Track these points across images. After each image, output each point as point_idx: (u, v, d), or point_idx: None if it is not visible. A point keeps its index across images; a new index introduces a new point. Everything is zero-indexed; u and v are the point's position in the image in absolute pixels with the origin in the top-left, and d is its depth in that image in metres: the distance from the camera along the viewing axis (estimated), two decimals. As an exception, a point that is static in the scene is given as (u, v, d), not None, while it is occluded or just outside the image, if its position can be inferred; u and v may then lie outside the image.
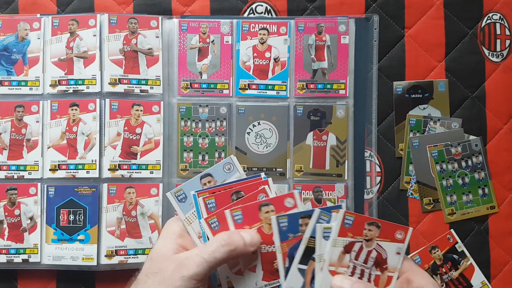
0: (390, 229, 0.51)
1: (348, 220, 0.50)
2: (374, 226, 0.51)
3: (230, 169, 0.53)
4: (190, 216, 0.51)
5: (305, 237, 0.51)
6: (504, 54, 0.82)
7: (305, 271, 0.50)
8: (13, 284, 0.80)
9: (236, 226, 0.51)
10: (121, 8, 0.82)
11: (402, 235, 0.51)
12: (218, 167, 0.53)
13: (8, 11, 0.82)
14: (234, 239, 0.48)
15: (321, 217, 0.50)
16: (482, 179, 0.80)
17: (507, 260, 0.80)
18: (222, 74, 0.80)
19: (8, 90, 0.79)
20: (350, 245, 0.51)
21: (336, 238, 0.50)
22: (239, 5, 0.82)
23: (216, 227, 0.50)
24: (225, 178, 0.53)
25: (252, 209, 0.51)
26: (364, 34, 0.81)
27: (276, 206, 0.51)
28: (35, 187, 0.78)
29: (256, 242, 0.49)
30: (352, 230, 0.51)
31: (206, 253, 0.47)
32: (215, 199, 0.50)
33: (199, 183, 0.53)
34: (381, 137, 0.81)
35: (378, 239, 0.51)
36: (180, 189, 0.52)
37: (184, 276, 0.47)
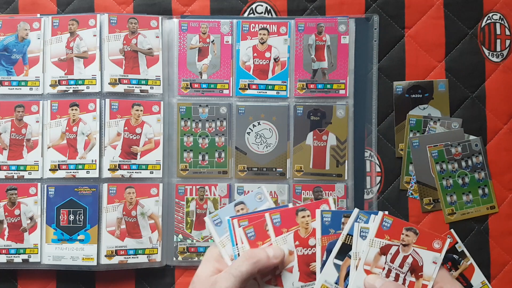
0: (427, 237, 0.53)
1: (386, 222, 0.53)
2: (411, 232, 0.53)
3: (261, 198, 0.59)
4: (224, 239, 0.56)
5: (343, 233, 0.53)
6: (504, 54, 0.82)
7: (340, 266, 0.53)
8: (13, 284, 0.80)
9: (275, 229, 0.54)
10: (121, 8, 0.82)
11: (439, 244, 0.53)
12: (250, 196, 0.59)
13: (8, 11, 0.82)
14: (256, 253, 0.53)
15: (360, 217, 0.53)
16: (482, 179, 0.80)
17: (507, 260, 0.80)
18: (222, 74, 0.80)
19: (8, 90, 0.79)
20: (386, 247, 0.53)
21: (373, 238, 0.52)
22: (239, 5, 0.82)
23: (252, 236, 0.55)
24: (256, 207, 0.58)
25: (289, 213, 0.54)
26: (364, 34, 0.81)
27: (312, 211, 0.54)
28: (35, 187, 0.78)
29: (279, 255, 0.53)
30: (390, 233, 0.53)
31: (232, 269, 0.52)
32: (253, 228, 0.55)
33: (233, 210, 0.58)
34: (381, 137, 0.81)
35: (415, 246, 0.52)
36: (216, 214, 0.57)
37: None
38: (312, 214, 0.54)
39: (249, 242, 0.55)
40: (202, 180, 0.80)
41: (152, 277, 0.80)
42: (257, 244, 0.54)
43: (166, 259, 0.79)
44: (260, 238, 0.55)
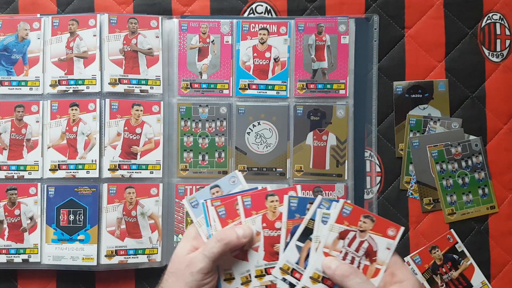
0: (383, 224, 0.56)
1: (346, 210, 0.56)
2: (368, 219, 0.56)
3: (235, 182, 0.62)
4: (200, 220, 0.60)
5: (306, 218, 0.57)
6: (504, 54, 0.82)
7: (302, 248, 0.57)
8: (13, 284, 0.80)
9: (246, 211, 0.59)
10: (121, 8, 0.82)
11: (394, 232, 0.56)
12: (225, 180, 0.62)
13: (8, 11, 0.82)
14: (227, 234, 0.56)
15: (323, 203, 0.57)
16: (482, 179, 0.80)
17: (507, 260, 0.80)
18: (222, 74, 0.80)
19: (8, 90, 0.79)
20: (344, 232, 0.56)
21: (333, 224, 0.56)
22: (239, 5, 0.82)
23: (223, 215, 0.59)
24: (230, 189, 0.62)
25: (259, 197, 0.59)
26: (364, 34, 0.81)
27: (280, 197, 0.58)
28: (35, 187, 0.78)
29: (248, 234, 0.57)
30: (349, 219, 0.56)
31: (206, 250, 0.56)
32: (224, 207, 0.59)
33: (209, 193, 0.62)
34: (381, 137, 0.81)
35: (371, 232, 0.56)
36: (194, 196, 0.61)
37: (192, 272, 0.56)
38: (281, 199, 0.58)
39: (220, 220, 0.59)
40: (202, 180, 0.80)
41: (152, 277, 0.80)
42: (227, 222, 0.58)
43: (166, 259, 0.79)
44: (230, 216, 0.59)
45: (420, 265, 0.79)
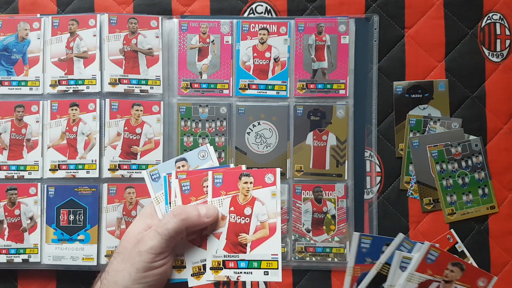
0: (473, 274, 0.47)
1: (432, 255, 0.46)
2: (458, 268, 0.47)
3: (204, 156, 0.55)
4: (159, 195, 0.53)
5: (379, 261, 0.47)
6: (504, 54, 0.82)
7: None
8: (13, 284, 0.80)
9: (214, 189, 0.51)
10: (121, 8, 0.82)
11: (484, 283, 0.48)
12: (193, 153, 0.55)
13: (8, 11, 0.82)
14: (186, 209, 0.49)
15: (404, 244, 0.47)
16: (482, 179, 0.80)
17: (507, 260, 0.80)
18: (222, 74, 0.80)
19: (8, 90, 0.79)
20: (426, 283, 0.47)
21: (413, 272, 0.46)
22: (239, 5, 0.82)
23: (187, 190, 0.51)
24: (198, 165, 0.55)
25: (233, 176, 0.51)
26: (364, 34, 0.81)
27: (256, 179, 0.51)
28: (35, 187, 0.78)
29: (211, 214, 0.50)
30: (433, 267, 0.46)
31: (159, 227, 0.48)
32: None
33: (174, 166, 0.54)
34: (381, 137, 0.81)
35: (458, 283, 0.47)
36: (156, 169, 0.54)
37: (140, 251, 0.48)
38: (256, 181, 0.51)
39: (182, 195, 0.51)
40: (202, 180, 0.80)
41: (152, 277, 0.80)
42: (190, 199, 0.51)
43: (166, 259, 0.79)
44: (195, 194, 0.51)
45: (420, 265, 0.79)
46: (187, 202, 0.51)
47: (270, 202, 0.49)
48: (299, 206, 0.79)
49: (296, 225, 0.78)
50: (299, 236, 0.79)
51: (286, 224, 0.79)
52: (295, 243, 0.79)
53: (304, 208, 0.79)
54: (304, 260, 0.79)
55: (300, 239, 0.79)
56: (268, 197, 0.49)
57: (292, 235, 0.79)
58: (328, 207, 0.79)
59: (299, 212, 0.79)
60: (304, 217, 0.79)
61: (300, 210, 0.79)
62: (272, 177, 0.50)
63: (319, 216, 0.79)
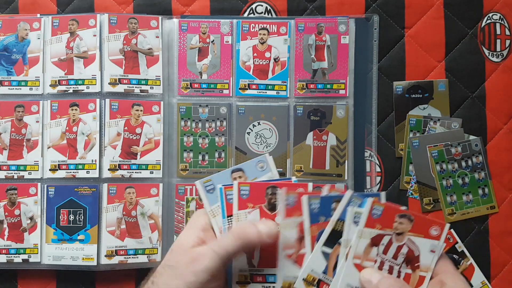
0: (424, 223, 0.47)
1: (377, 210, 0.47)
2: (406, 219, 0.47)
3: (263, 167, 0.52)
4: (215, 208, 0.50)
5: (333, 219, 0.47)
6: (504, 54, 0.82)
7: (329, 255, 0.48)
8: (13, 284, 0.80)
9: (239, 201, 0.48)
10: (121, 8, 0.82)
11: (437, 231, 0.48)
12: (251, 164, 0.51)
13: (8, 11, 0.82)
14: (248, 231, 0.46)
15: (354, 200, 0.47)
16: (482, 179, 0.80)
17: (507, 260, 0.80)
18: (222, 74, 0.80)
19: (8, 90, 0.79)
20: (378, 237, 0.47)
21: (362, 229, 0.47)
22: (239, 5, 0.82)
23: (245, 195, 0.48)
24: (257, 176, 0.51)
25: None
26: (364, 34, 0.81)
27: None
28: (35, 187, 0.78)
29: (273, 234, 0.47)
30: (381, 221, 0.47)
31: (218, 247, 0.46)
32: (250, 186, 0.48)
33: (230, 177, 0.51)
34: (381, 137, 0.81)
35: (410, 234, 0.47)
36: (209, 179, 0.50)
37: (196, 271, 0.45)
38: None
39: (239, 200, 0.48)
40: (202, 180, 0.80)
41: (152, 277, 0.80)
42: (246, 205, 0.48)
43: (166, 259, 0.79)
44: (253, 201, 0.48)
45: (420, 265, 0.79)
46: (243, 208, 0.48)
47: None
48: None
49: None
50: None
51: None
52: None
53: (304, 208, 0.79)
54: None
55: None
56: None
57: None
58: (328, 207, 0.79)
59: (299, 212, 0.79)
60: (304, 217, 0.79)
61: (300, 210, 0.79)
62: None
63: (319, 216, 0.79)
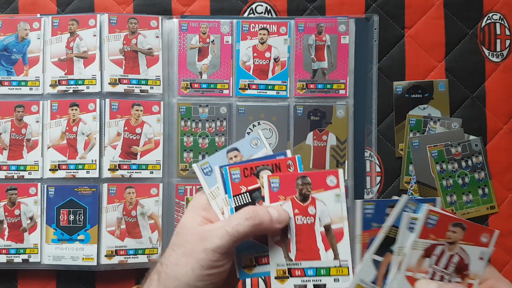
0: (475, 231, 0.47)
1: (432, 220, 0.46)
2: (459, 228, 0.46)
3: (257, 144, 0.52)
4: (214, 190, 0.49)
5: (386, 225, 0.46)
6: (504, 54, 0.82)
7: (380, 263, 0.46)
8: (13, 284, 0.80)
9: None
10: (121, 8, 0.82)
11: (487, 238, 0.47)
12: (245, 142, 0.51)
13: (8, 11, 0.82)
14: (259, 213, 0.46)
15: (408, 205, 0.46)
16: (482, 179, 0.80)
17: (507, 260, 0.80)
18: (222, 74, 0.80)
19: (8, 90, 0.79)
20: (431, 248, 0.46)
21: (417, 240, 0.45)
22: (239, 5, 0.82)
23: (276, 188, 0.48)
24: (252, 154, 0.51)
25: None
26: (364, 34, 0.81)
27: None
28: (35, 187, 0.78)
29: (283, 219, 0.47)
30: (435, 231, 0.46)
31: (229, 226, 0.45)
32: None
33: (226, 157, 0.51)
34: (381, 137, 0.81)
35: (461, 242, 0.47)
36: (207, 162, 0.50)
37: (206, 249, 0.45)
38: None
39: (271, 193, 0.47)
40: (202, 180, 0.80)
41: (152, 277, 0.80)
42: (278, 197, 0.47)
43: (166, 259, 0.79)
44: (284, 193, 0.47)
45: (420, 265, 0.79)
46: (275, 201, 0.47)
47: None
48: (299, 206, 0.79)
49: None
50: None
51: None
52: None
53: (304, 208, 0.79)
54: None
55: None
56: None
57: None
58: (328, 207, 0.79)
59: (299, 212, 0.79)
60: (304, 217, 0.79)
61: (300, 210, 0.79)
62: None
63: (319, 216, 0.79)
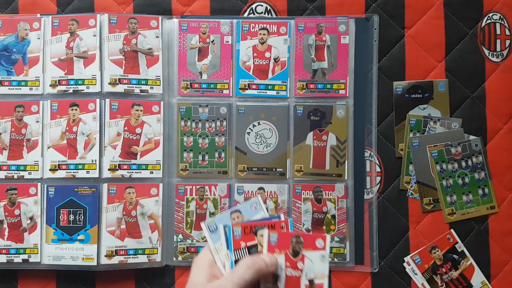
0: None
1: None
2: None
3: (256, 207, 0.60)
4: (218, 246, 0.56)
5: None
6: (504, 54, 0.82)
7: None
8: (13, 284, 0.80)
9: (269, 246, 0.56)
10: (121, 8, 0.82)
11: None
12: (246, 205, 0.60)
13: (8, 11, 0.82)
14: (257, 261, 0.52)
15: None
16: (482, 179, 0.80)
17: (507, 260, 0.80)
18: (222, 74, 0.80)
19: (8, 90, 0.79)
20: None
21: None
22: (239, 5, 0.82)
23: (274, 242, 0.56)
24: (251, 215, 0.60)
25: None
26: (364, 34, 0.81)
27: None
28: (35, 187, 0.78)
29: (274, 263, 0.54)
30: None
31: (236, 277, 0.51)
32: (278, 234, 0.56)
33: (229, 217, 0.59)
34: (381, 137, 0.81)
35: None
36: (213, 221, 0.58)
37: None
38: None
39: (269, 246, 0.55)
40: (202, 180, 0.80)
41: (152, 277, 0.80)
42: (274, 250, 0.55)
43: (166, 259, 0.79)
44: (280, 246, 0.55)
45: (420, 265, 0.79)
46: (271, 252, 0.55)
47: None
48: (299, 206, 0.79)
49: (296, 225, 0.78)
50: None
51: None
52: (295, 243, 0.79)
53: (304, 208, 0.79)
54: (304, 260, 0.79)
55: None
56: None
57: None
58: (328, 207, 0.79)
59: (299, 212, 0.79)
60: (304, 217, 0.79)
61: (300, 210, 0.79)
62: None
63: (319, 216, 0.79)
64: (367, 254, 0.80)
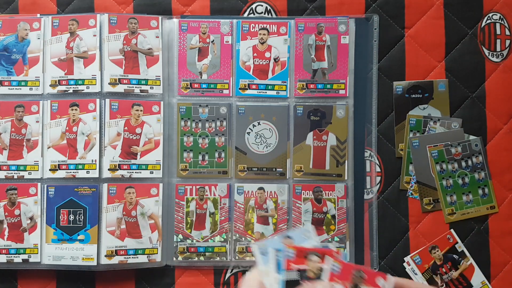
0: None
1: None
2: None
3: (308, 236, 0.60)
4: (267, 268, 0.57)
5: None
6: (504, 54, 0.82)
7: None
8: (13, 284, 0.80)
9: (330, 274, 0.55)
10: (121, 8, 0.82)
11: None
12: (298, 232, 0.61)
13: (8, 11, 0.82)
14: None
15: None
16: (482, 179, 0.80)
17: (507, 260, 0.80)
18: (222, 74, 0.80)
19: (8, 90, 0.79)
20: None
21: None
22: (239, 5, 0.82)
23: (336, 272, 0.55)
24: (302, 242, 0.60)
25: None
26: (364, 34, 0.81)
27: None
28: (35, 187, 0.78)
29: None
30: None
31: None
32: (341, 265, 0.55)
33: (280, 242, 0.60)
34: (381, 137, 0.81)
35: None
36: (264, 244, 0.59)
37: None
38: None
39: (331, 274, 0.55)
40: (202, 180, 0.80)
41: (152, 277, 0.80)
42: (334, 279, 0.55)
43: (166, 259, 0.79)
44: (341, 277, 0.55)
45: (420, 265, 0.79)
46: (332, 281, 0.54)
47: None
48: (299, 206, 0.79)
49: (296, 225, 0.78)
50: (299, 236, 0.79)
51: (286, 224, 0.79)
52: (295, 243, 0.79)
53: (304, 208, 0.79)
54: (304, 260, 0.79)
55: (300, 239, 0.79)
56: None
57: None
58: (328, 207, 0.79)
59: (299, 212, 0.79)
60: (304, 217, 0.79)
61: (300, 210, 0.79)
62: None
63: (319, 216, 0.79)
64: (367, 254, 0.80)
